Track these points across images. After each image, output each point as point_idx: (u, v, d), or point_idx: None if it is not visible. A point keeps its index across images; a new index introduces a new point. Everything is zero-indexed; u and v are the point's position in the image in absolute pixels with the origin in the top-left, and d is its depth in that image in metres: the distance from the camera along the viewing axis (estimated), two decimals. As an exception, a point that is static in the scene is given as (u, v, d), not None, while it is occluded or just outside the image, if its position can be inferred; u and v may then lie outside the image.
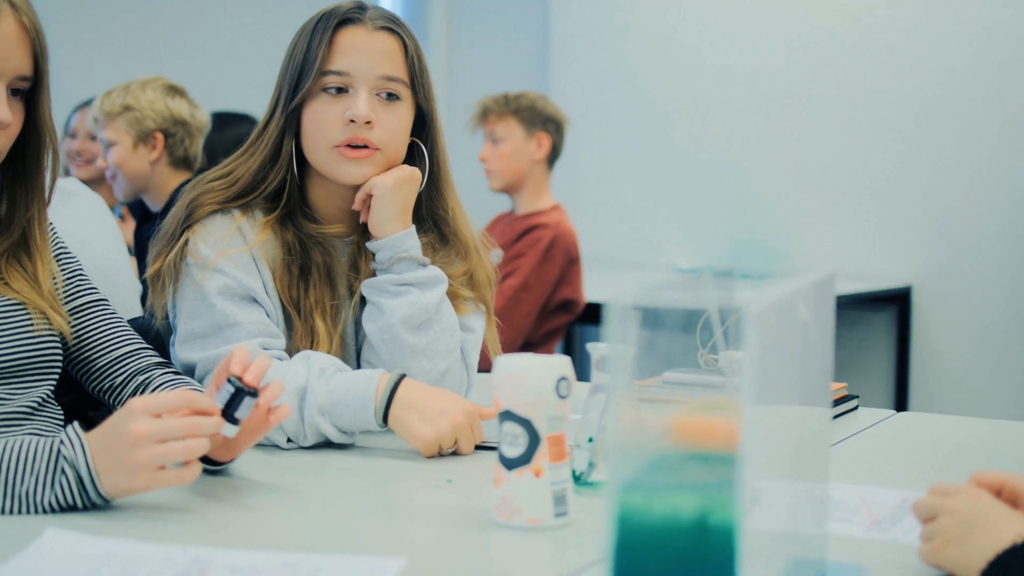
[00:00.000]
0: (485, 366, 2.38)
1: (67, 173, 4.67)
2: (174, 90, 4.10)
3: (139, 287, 3.45)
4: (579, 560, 1.46)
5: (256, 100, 2.24)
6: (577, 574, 1.41)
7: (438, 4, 7.36)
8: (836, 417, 2.33)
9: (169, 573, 1.32)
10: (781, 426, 1.18)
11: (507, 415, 1.54)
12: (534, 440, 1.54)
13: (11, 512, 1.56)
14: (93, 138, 4.46)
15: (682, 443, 1.10)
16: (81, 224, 3.14)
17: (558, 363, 1.55)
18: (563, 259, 4.30)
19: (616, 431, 1.09)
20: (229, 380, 1.65)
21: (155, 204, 4.11)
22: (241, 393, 1.64)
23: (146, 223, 4.10)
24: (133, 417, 1.55)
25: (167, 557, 1.37)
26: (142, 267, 3.02)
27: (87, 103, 4.69)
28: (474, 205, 2.53)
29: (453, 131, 2.41)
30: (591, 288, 4.52)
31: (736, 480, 1.04)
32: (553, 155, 4.50)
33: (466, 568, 1.46)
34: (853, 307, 5.76)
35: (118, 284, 3.23)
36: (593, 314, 4.55)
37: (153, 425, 1.55)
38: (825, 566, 1.41)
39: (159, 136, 4.01)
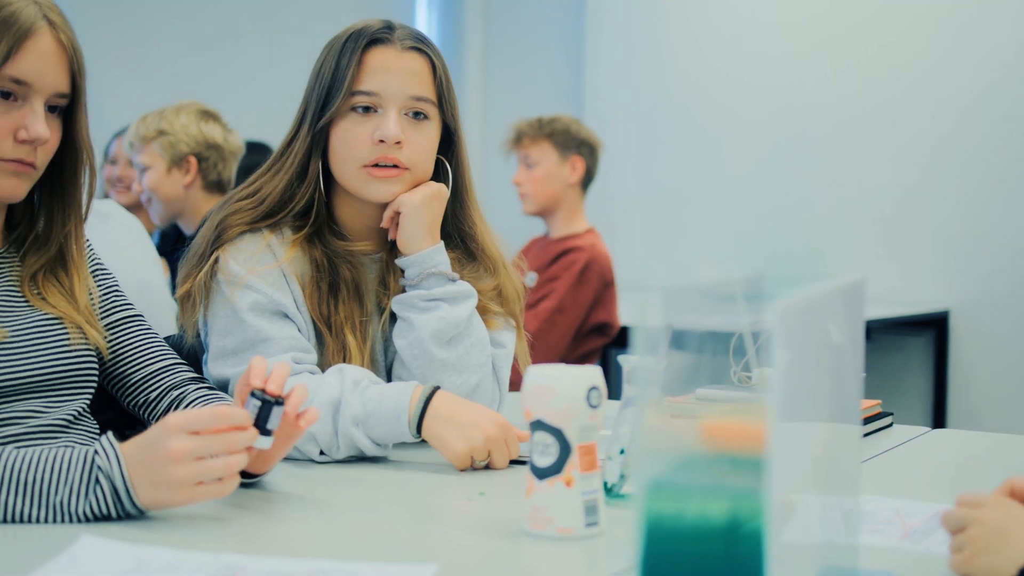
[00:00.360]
0: (517, 383, 2.40)
1: (106, 198, 4.71)
2: (207, 115, 4.14)
3: (175, 307, 3.47)
4: (610, 568, 1.47)
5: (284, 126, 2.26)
6: (608, 581, 1.42)
7: (473, 25, 7.40)
8: (870, 434, 2.32)
9: (201, 578, 1.33)
10: (809, 439, 1.18)
11: (538, 424, 1.55)
12: (565, 450, 1.54)
13: (45, 521, 1.57)
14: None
15: (710, 445, 1.10)
16: (118, 246, 3.16)
17: (589, 373, 1.56)
18: (598, 282, 4.31)
19: (644, 433, 1.09)
20: (253, 394, 1.66)
21: (189, 228, 4.14)
22: (268, 404, 1.65)
23: (181, 247, 4.13)
24: (171, 435, 1.56)
25: (199, 563, 1.38)
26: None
27: (125, 130, 4.73)
28: (508, 229, 2.54)
29: (489, 153, 2.43)
30: (625, 312, 4.52)
31: (764, 484, 1.04)
32: (587, 179, 4.51)
33: (498, 573, 1.47)
34: (890, 332, 5.74)
35: (155, 305, 3.25)
36: (628, 338, 4.55)
37: (191, 443, 1.56)
38: (856, 573, 1.41)
39: (192, 160, 4.05)
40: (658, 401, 1.11)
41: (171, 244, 4.37)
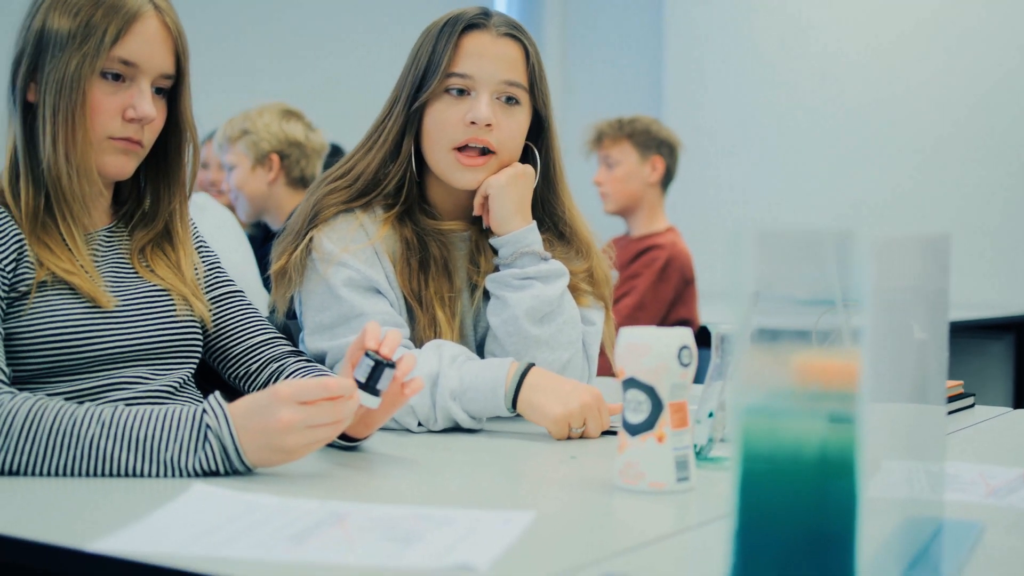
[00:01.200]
0: (605, 368, 2.44)
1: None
2: (290, 114, 4.24)
3: (266, 296, 3.55)
4: (701, 517, 1.51)
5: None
6: (698, 528, 1.46)
7: (552, 24, 7.47)
8: (952, 412, 2.35)
9: (309, 521, 1.39)
10: (896, 413, 1.23)
11: (630, 382, 1.60)
12: (657, 406, 1.59)
13: (156, 476, 1.63)
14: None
15: (803, 380, 1.14)
16: (212, 236, 3.25)
17: (680, 333, 1.61)
18: (678, 279, 4.34)
19: (740, 367, 1.13)
20: (367, 354, 1.72)
21: (275, 224, 4.24)
22: (380, 365, 1.72)
23: (269, 243, 4.22)
24: (282, 404, 1.63)
25: (306, 509, 1.44)
26: (267, 282, 3.11)
27: (214, 134, 4.85)
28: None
29: (569, 152, 2.47)
30: (704, 313, 4.55)
31: (857, 415, 1.08)
32: (667, 178, 4.55)
33: (591, 522, 1.52)
34: (971, 334, 5.73)
35: (248, 292, 3.34)
36: (707, 337, 4.56)
37: (302, 413, 1.63)
38: (941, 523, 1.44)
39: (275, 158, 4.15)
40: (751, 340, 1.15)
41: (258, 244, 4.46)
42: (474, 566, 1.22)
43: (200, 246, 2.16)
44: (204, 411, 1.65)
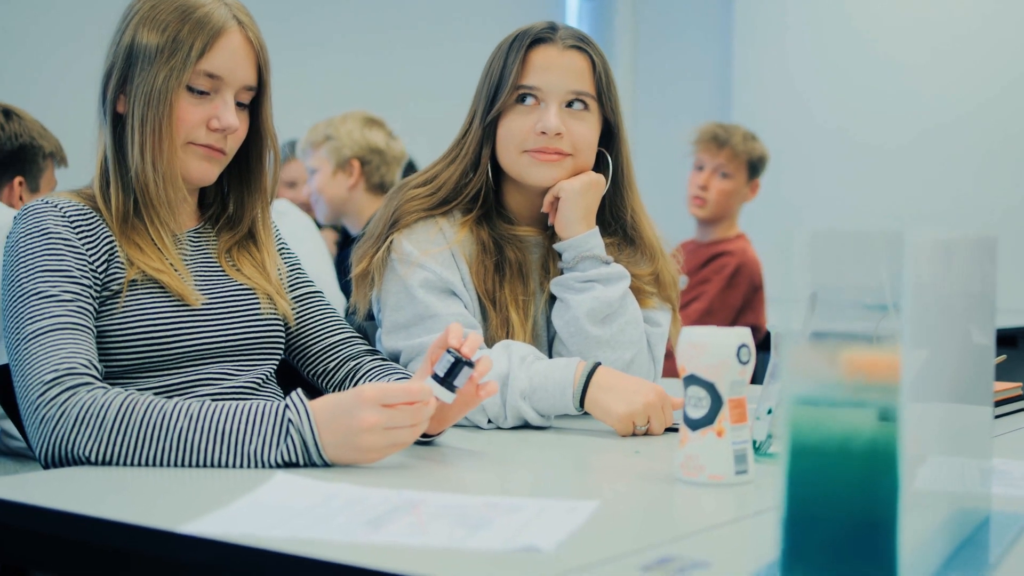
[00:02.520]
0: (672, 370, 2.51)
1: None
2: (372, 121, 4.36)
3: (344, 300, 3.66)
4: (757, 507, 1.58)
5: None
6: (755, 516, 1.53)
7: (623, 28, 7.53)
8: (1011, 413, 2.39)
9: (385, 507, 1.47)
10: (941, 412, 1.30)
11: (691, 379, 1.67)
12: (717, 402, 1.66)
13: (240, 467, 1.72)
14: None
15: (852, 374, 1.20)
16: (290, 241, 3.35)
17: (740, 332, 1.67)
18: (747, 286, 4.39)
19: (791, 360, 1.20)
20: (448, 351, 1.80)
21: (354, 228, 4.34)
22: (459, 363, 1.80)
23: (347, 247, 4.32)
24: (365, 406, 1.71)
25: (383, 497, 1.52)
26: (345, 286, 3.21)
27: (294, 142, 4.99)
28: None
29: (640, 157, 2.55)
30: (773, 319, 4.59)
31: (900, 407, 1.15)
32: (749, 195, 4.63)
33: (651, 511, 1.59)
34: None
35: (326, 295, 3.44)
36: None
37: (384, 415, 1.71)
38: (988, 515, 1.50)
39: (356, 163, 4.27)
40: (804, 336, 1.21)
41: (337, 248, 4.57)
42: (541, 548, 1.29)
43: (282, 248, 2.26)
44: (287, 407, 1.74)
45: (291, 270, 2.25)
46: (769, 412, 1.85)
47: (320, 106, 4.87)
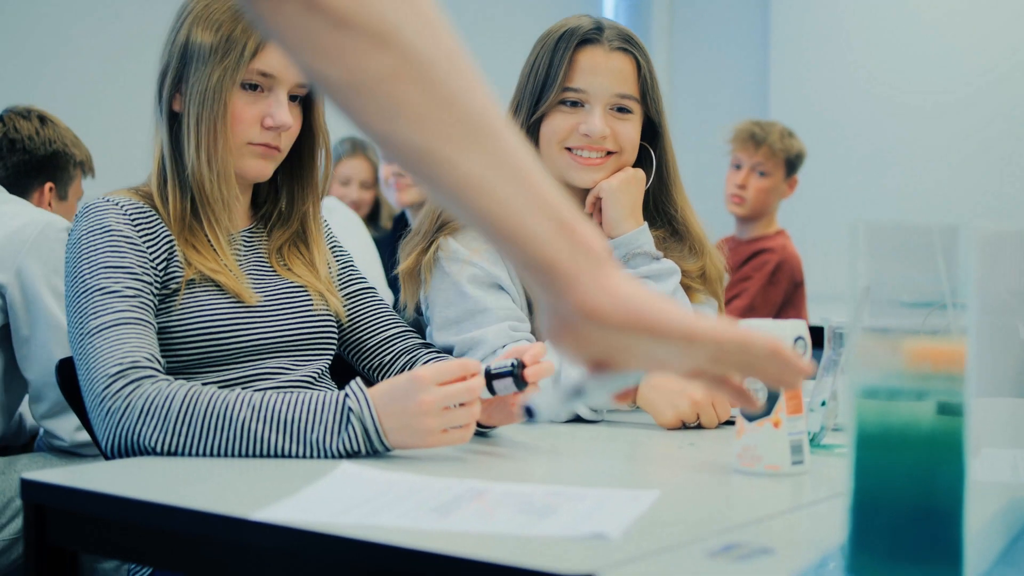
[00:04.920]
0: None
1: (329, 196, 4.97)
2: None
3: (391, 296, 3.69)
4: (814, 496, 1.60)
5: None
6: (812, 505, 1.55)
7: (660, 28, 7.56)
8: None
9: (449, 496, 1.49)
10: (998, 407, 1.31)
11: (748, 371, 1.68)
12: (773, 394, 1.67)
13: (302, 456, 1.75)
14: None
15: (914, 364, 1.22)
16: (340, 237, 3.39)
17: (795, 324, 1.69)
18: (788, 282, 4.40)
19: (855, 351, 1.22)
20: (513, 363, 1.82)
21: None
22: (513, 377, 1.81)
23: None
24: (423, 387, 1.73)
25: (446, 485, 1.55)
26: (390, 281, 3.24)
27: None
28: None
29: (681, 152, 2.57)
30: (814, 314, 4.60)
31: (964, 398, 1.16)
32: (788, 190, 4.64)
33: (711, 500, 1.61)
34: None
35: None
36: (815, 339, 4.60)
37: (440, 394, 1.73)
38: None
39: None
40: (859, 329, 1.23)
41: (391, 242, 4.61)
42: (607, 535, 1.31)
43: (334, 245, 2.29)
44: (347, 395, 1.76)
45: (343, 267, 2.28)
46: (823, 404, 1.87)
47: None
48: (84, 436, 2.76)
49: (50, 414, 2.79)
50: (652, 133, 2.43)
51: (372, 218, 5.40)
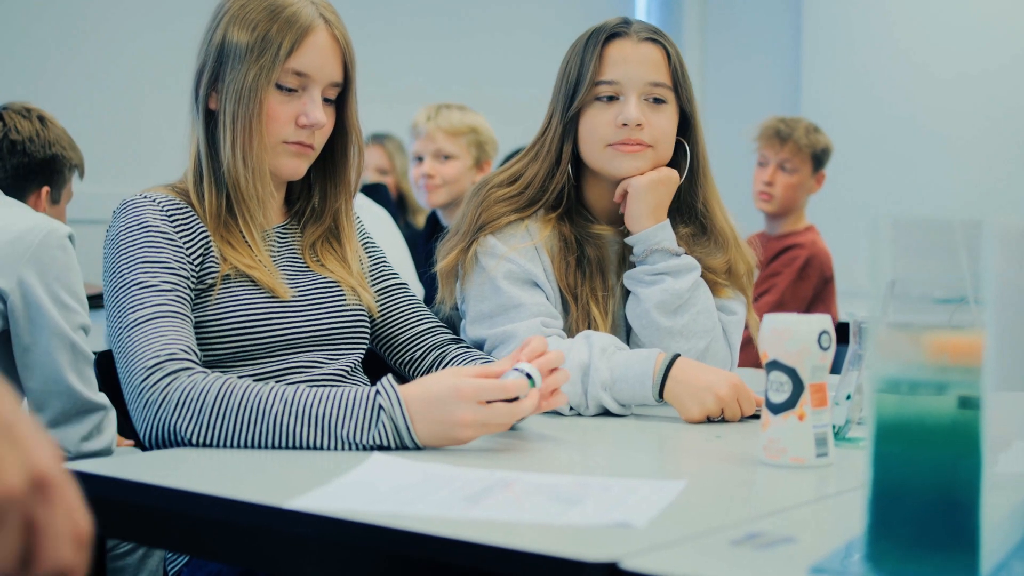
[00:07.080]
0: (745, 362, 2.55)
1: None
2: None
3: (422, 291, 3.73)
4: (839, 487, 1.63)
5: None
6: (836, 496, 1.58)
7: (691, 28, 7.58)
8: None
9: (480, 485, 1.53)
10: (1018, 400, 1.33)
11: (773, 364, 1.71)
12: (798, 387, 1.70)
13: (333, 449, 1.78)
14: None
15: (934, 356, 1.24)
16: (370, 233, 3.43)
17: (820, 319, 1.72)
18: (817, 278, 4.41)
19: (876, 343, 1.25)
20: (516, 368, 1.84)
21: (449, 220, 4.40)
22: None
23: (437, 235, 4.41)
24: (463, 403, 1.76)
25: (477, 476, 1.58)
26: (423, 274, 3.26)
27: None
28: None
29: (711, 149, 2.60)
30: (844, 310, 4.61)
31: (982, 390, 1.18)
32: (817, 186, 4.64)
33: (737, 490, 1.64)
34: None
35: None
36: (843, 334, 4.62)
37: (481, 414, 1.76)
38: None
39: (489, 166, 4.39)
40: (883, 323, 1.26)
41: (424, 239, 4.63)
42: (633, 523, 1.35)
43: (366, 242, 2.32)
44: (378, 392, 1.79)
45: (375, 263, 2.32)
46: (848, 398, 1.89)
47: (399, 98, 4.94)
48: (90, 446, 2.73)
49: (54, 424, 2.73)
50: (684, 126, 2.45)
51: (400, 207, 5.43)
